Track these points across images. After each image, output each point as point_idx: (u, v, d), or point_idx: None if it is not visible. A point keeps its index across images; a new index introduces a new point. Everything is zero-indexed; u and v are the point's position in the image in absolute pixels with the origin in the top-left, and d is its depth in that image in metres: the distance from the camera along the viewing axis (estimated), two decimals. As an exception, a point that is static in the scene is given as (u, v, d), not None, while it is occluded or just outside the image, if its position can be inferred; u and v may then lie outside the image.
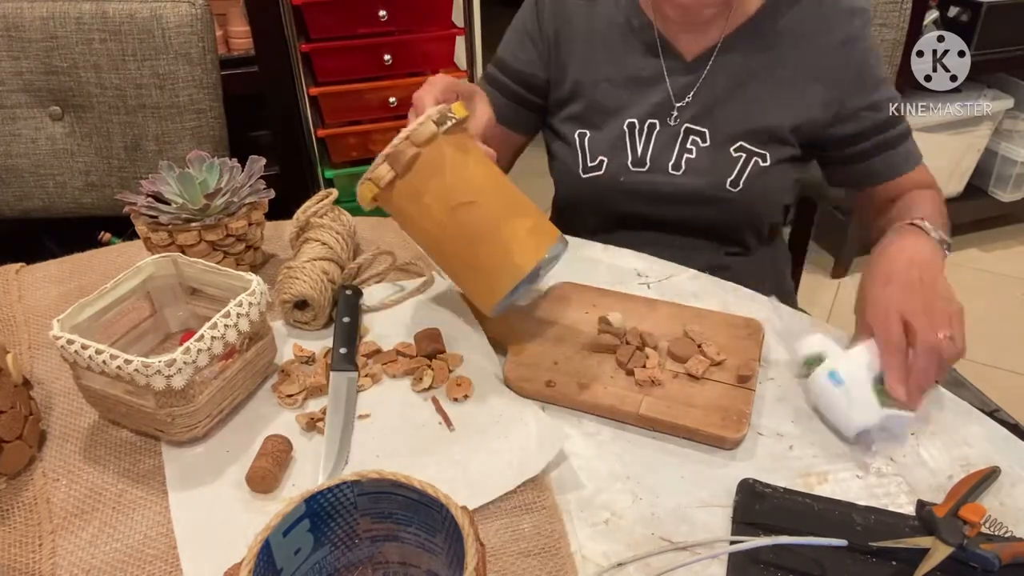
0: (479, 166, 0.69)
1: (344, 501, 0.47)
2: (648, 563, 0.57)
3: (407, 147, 0.65)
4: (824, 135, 0.95)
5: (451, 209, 0.67)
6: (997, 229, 2.46)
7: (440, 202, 0.67)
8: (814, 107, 0.92)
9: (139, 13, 1.18)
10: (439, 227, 0.68)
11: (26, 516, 0.61)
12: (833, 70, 0.91)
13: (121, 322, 0.72)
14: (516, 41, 1.02)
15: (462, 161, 0.67)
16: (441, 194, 0.67)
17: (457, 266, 0.71)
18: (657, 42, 0.95)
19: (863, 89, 0.92)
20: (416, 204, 0.68)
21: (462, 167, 0.67)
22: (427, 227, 0.69)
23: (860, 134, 0.94)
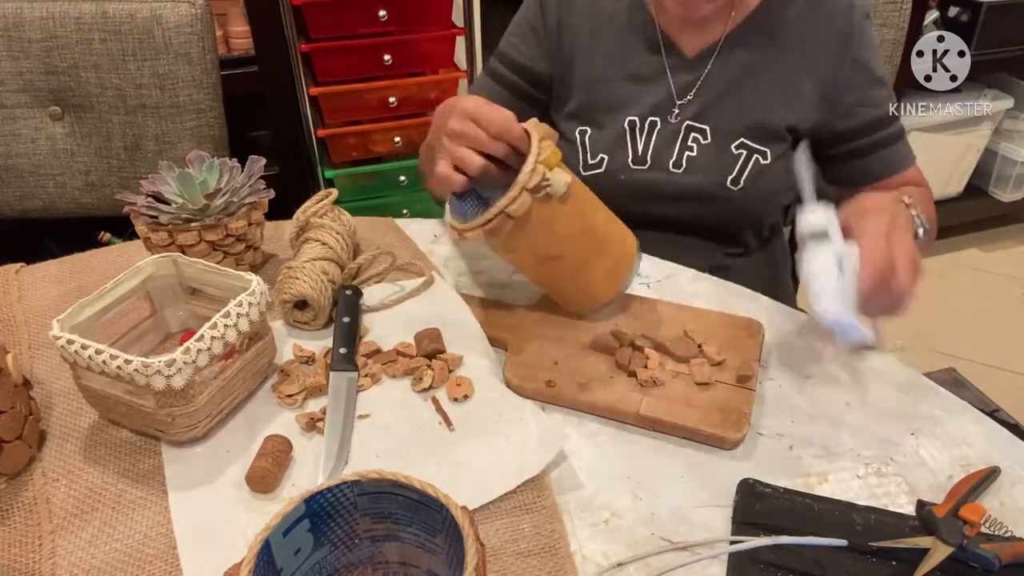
0: (568, 219, 0.71)
1: (344, 501, 0.47)
2: (648, 563, 0.57)
3: (503, 221, 0.67)
4: (821, 131, 0.95)
5: (539, 260, 0.74)
6: (997, 229, 2.46)
7: (530, 256, 0.74)
8: (811, 103, 0.92)
9: (139, 13, 1.18)
10: (530, 269, 0.77)
11: (26, 516, 0.61)
12: (830, 66, 0.91)
13: (121, 322, 0.72)
14: (518, 34, 1.02)
15: (553, 220, 0.70)
16: (530, 251, 0.73)
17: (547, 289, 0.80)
18: (659, 39, 0.95)
19: (861, 85, 0.92)
20: (509, 254, 0.75)
21: (551, 224, 0.70)
22: (519, 266, 0.77)
23: (857, 130, 0.94)
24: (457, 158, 0.69)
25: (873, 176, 0.96)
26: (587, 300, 0.77)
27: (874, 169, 0.96)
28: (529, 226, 0.69)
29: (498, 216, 0.67)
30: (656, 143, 0.96)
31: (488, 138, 0.68)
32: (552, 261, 0.73)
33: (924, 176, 0.98)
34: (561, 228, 0.71)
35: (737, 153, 0.94)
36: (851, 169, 0.97)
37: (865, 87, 0.93)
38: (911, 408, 0.70)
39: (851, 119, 0.94)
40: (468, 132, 0.69)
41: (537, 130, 0.69)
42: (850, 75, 0.92)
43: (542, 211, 0.68)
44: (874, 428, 0.68)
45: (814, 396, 0.72)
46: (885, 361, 0.76)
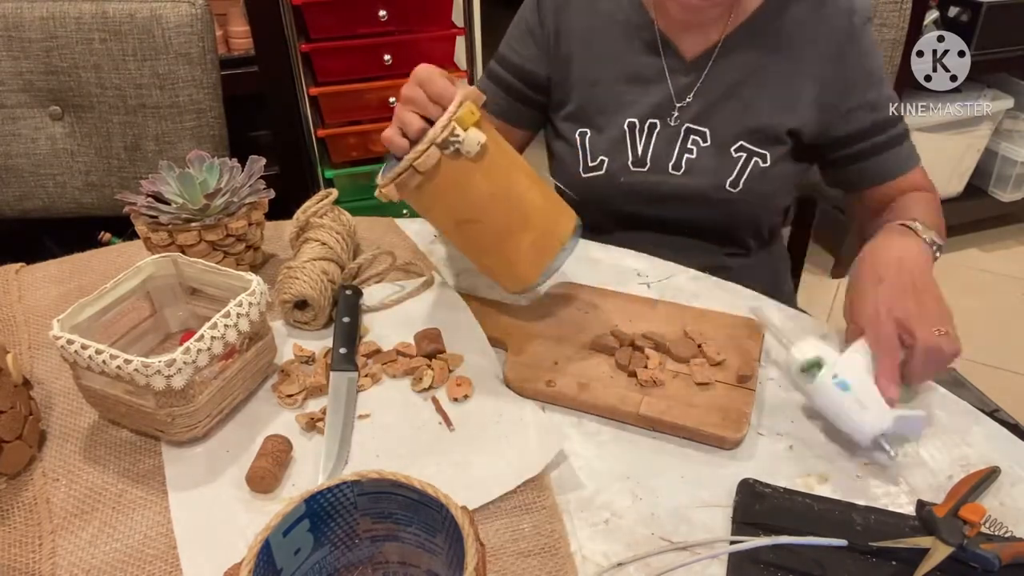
0: (485, 181, 0.69)
1: (344, 501, 0.47)
2: (648, 563, 0.57)
3: (411, 175, 0.67)
4: (821, 135, 0.94)
5: (455, 224, 0.72)
6: (997, 229, 2.46)
7: (446, 217, 0.73)
8: (812, 106, 0.92)
9: (139, 13, 1.18)
10: (449, 235, 0.75)
11: (26, 516, 0.61)
12: (831, 69, 0.91)
13: (121, 322, 0.72)
14: (518, 37, 1.02)
15: (466, 180, 0.69)
16: (446, 211, 0.72)
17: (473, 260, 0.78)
18: (658, 41, 0.95)
19: (861, 89, 0.92)
20: (426, 213, 0.74)
21: (465, 187, 0.69)
22: (439, 228, 0.75)
23: (857, 134, 0.94)
24: (401, 121, 0.70)
25: (874, 180, 0.96)
26: (509, 275, 0.74)
27: (875, 173, 0.96)
28: (439, 183, 0.68)
29: (407, 171, 0.67)
30: (656, 145, 0.96)
31: (426, 100, 0.69)
32: (468, 225, 0.72)
33: (929, 178, 0.97)
34: (475, 190, 0.69)
35: (737, 156, 0.94)
36: (853, 173, 0.97)
37: (864, 90, 0.92)
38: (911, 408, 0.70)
39: (851, 123, 0.93)
40: (414, 96, 0.70)
41: (463, 91, 0.68)
42: (849, 79, 0.91)
43: (454, 169, 0.68)
44: (874, 428, 0.68)
45: (814, 396, 0.71)
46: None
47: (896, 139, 0.95)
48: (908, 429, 0.66)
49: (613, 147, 0.97)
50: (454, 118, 0.66)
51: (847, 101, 0.92)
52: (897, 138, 0.95)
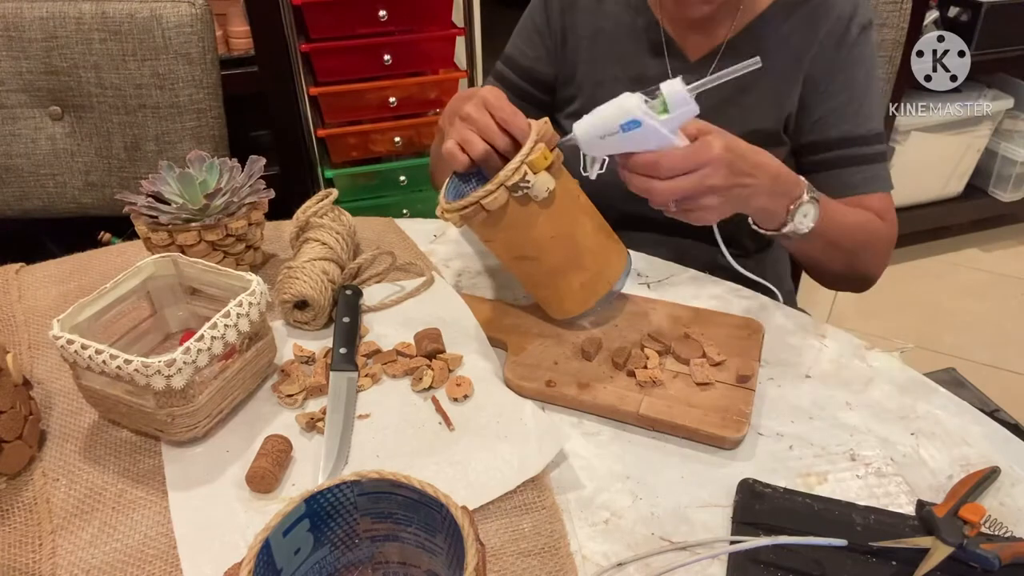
0: (548, 224, 0.71)
1: (344, 501, 0.47)
2: (648, 563, 0.57)
3: (477, 211, 0.68)
4: (796, 138, 0.94)
5: (513, 258, 0.75)
6: (997, 229, 2.46)
7: (505, 251, 0.75)
8: (793, 105, 0.92)
9: (139, 13, 1.18)
10: (505, 264, 0.77)
11: (26, 516, 0.61)
12: (817, 71, 0.90)
13: (121, 322, 0.72)
14: (525, 38, 1.02)
15: (530, 222, 0.70)
16: (506, 246, 0.74)
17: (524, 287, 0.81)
18: (663, 42, 0.95)
19: (840, 97, 0.91)
20: (486, 243, 0.77)
21: (529, 227, 0.71)
22: (496, 255, 0.78)
23: (827, 142, 0.92)
24: (463, 139, 0.70)
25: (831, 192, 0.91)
26: (557, 307, 0.77)
27: (833, 184, 0.92)
28: (504, 222, 0.70)
29: (473, 205, 0.68)
30: None
31: (494, 126, 0.70)
32: (525, 261, 0.74)
33: (893, 211, 0.93)
34: (537, 232, 0.71)
35: None
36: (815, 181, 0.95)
37: (842, 100, 0.91)
38: (911, 408, 0.70)
39: (821, 129, 0.92)
40: (478, 118, 0.70)
41: (537, 130, 0.69)
42: (830, 84, 0.90)
43: (519, 210, 0.69)
44: (874, 428, 0.68)
45: (814, 396, 0.72)
46: (885, 361, 0.76)
47: (866, 158, 0.92)
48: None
49: None
50: (526, 161, 0.66)
51: (821, 106, 0.91)
52: (868, 157, 0.92)
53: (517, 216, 0.70)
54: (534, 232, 0.71)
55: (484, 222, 0.70)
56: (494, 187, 0.67)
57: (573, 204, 0.73)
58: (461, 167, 0.71)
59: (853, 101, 0.91)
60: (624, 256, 0.78)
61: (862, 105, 0.92)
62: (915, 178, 2.21)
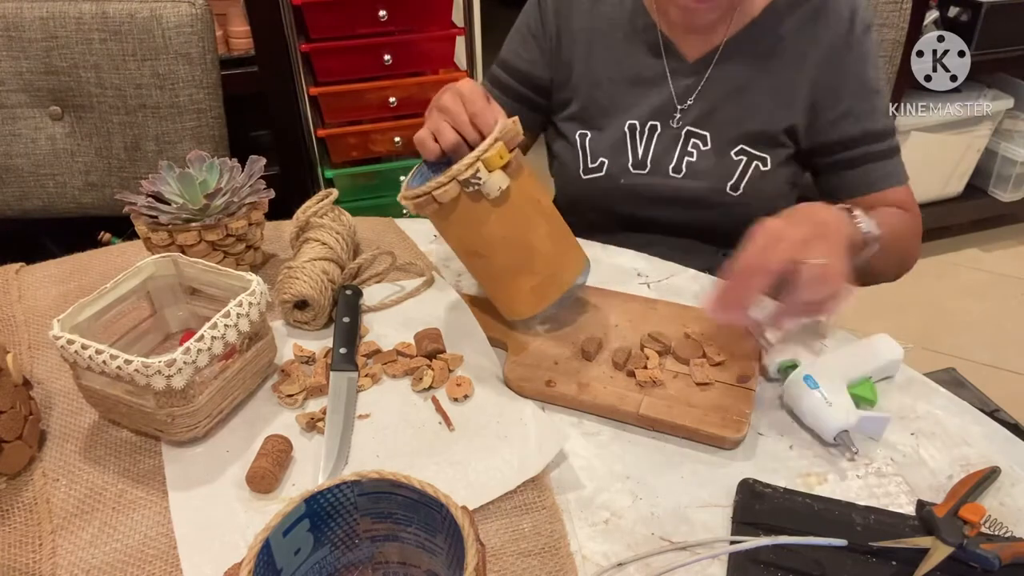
0: (499, 224, 0.70)
1: (344, 501, 0.47)
2: (648, 563, 0.57)
3: (429, 201, 0.69)
4: (810, 139, 0.94)
5: (464, 252, 0.76)
6: (997, 229, 2.46)
7: (456, 243, 0.75)
8: (804, 108, 0.92)
9: (139, 13, 1.18)
10: (458, 254, 0.77)
11: (26, 516, 0.61)
12: (826, 74, 0.90)
13: (121, 322, 0.72)
14: (519, 40, 1.02)
15: (481, 219, 0.70)
16: (457, 239, 0.74)
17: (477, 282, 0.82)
18: (660, 43, 0.95)
19: (853, 96, 0.91)
20: (441, 234, 0.76)
21: (479, 224, 0.70)
22: (450, 246, 0.77)
23: (843, 142, 0.92)
24: (435, 128, 0.71)
25: (855, 191, 0.94)
26: (507, 307, 0.77)
27: (857, 184, 0.93)
28: (454, 216, 0.70)
29: (425, 195, 0.68)
30: (656, 148, 0.96)
31: (465, 119, 0.70)
32: (476, 257, 0.74)
33: (914, 200, 0.95)
34: (488, 230, 0.71)
35: (737, 159, 0.94)
36: (836, 181, 0.95)
37: (857, 99, 0.91)
38: (911, 408, 0.70)
39: (838, 130, 0.92)
40: (452, 109, 0.70)
41: (500, 127, 0.68)
42: (842, 85, 0.91)
43: (471, 206, 0.69)
44: (874, 428, 0.68)
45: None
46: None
47: (883, 153, 0.93)
48: (871, 428, 0.67)
49: (613, 149, 0.97)
50: (481, 158, 0.66)
51: (837, 107, 0.91)
52: (885, 152, 0.93)
53: (468, 212, 0.69)
54: (484, 230, 0.71)
55: (436, 213, 0.70)
56: (446, 180, 0.67)
57: (528, 206, 0.72)
58: (430, 156, 0.72)
59: (867, 99, 0.92)
60: (582, 262, 0.76)
61: (873, 103, 0.92)
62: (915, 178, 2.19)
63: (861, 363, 0.70)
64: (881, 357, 0.72)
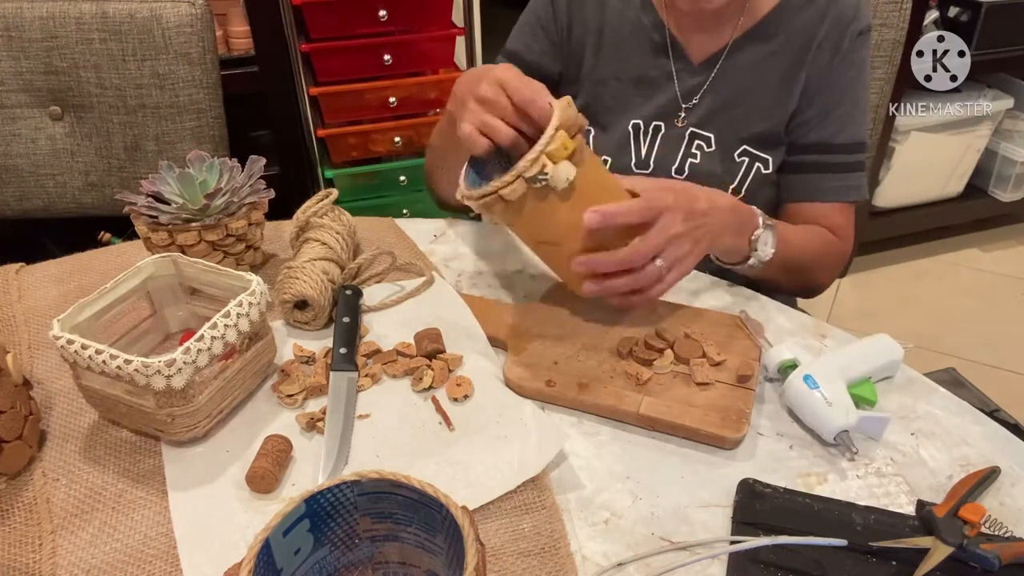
0: (569, 212, 0.69)
1: (344, 501, 0.47)
2: (648, 563, 0.57)
3: (496, 201, 0.67)
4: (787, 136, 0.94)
5: (535, 243, 0.76)
6: (997, 229, 2.46)
7: (526, 235, 0.76)
8: (795, 105, 0.92)
9: (139, 13, 1.18)
10: (527, 244, 0.79)
11: (26, 516, 0.61)
12: (814, 72, 0.90)
13: (121, 322, 0.72)
14: (528, 32, 1.01)
15: (551, 209, 0.68)
16: (526, 232, 0.75)
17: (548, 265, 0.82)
18: (667, 42, 0.95)
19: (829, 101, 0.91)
20: (509, 227, 0.76)
21: (549, 214, 0.69)
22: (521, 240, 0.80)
23: (802, 145, 0.92)
24: (483, 123, 0.68)
25: (794, 194, 0.94)
26: (576, 286, 0.76)
27: (797, 188, 0.93)
28: (524, 210, 0.69)
29: (492, 195, 0.67)
30: (659, 148, 0.96)
31: (512, 109, 0.68)
32: (546, 246, 0.75)
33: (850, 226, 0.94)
34: (559, 219, 0.69)
35: (740, 161, 0.94)
36: (783, 180, 0.95)
37: (831, 104, 0.91)
38: (911, 408, 0.71)
39: (803, 131, 0.92)
40: (496, 100, 0.68)
41: (559, 116, 0.65)
42: (823, 87, 0.91)
43: (538, 200, 0.67)
44: (874, 428, 0.68)
45: (814, 396, 0.71)
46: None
47: (838, 166, 0.92)
48: (871, 429, 0.67)
49: (617, 148, 0.97)
50: (545, 151, 0.64)
51: (810, 108, 0.91)
52: (840, 166, 0.92)
53: (537, 205, 0.68)
54: (555, 219, 0.69)
55: (504, 210, 0.68)
56: (512, 178, 0.65)
57: (596, 190, 0.70)
58: (481, 151, 0.69)
59: (838, 108, 0.91)
60: None
61: (846, 113, 0.91)
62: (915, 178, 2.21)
63: (861, 363, 0.70)
64: (881, 357, 0.72)
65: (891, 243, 2.32)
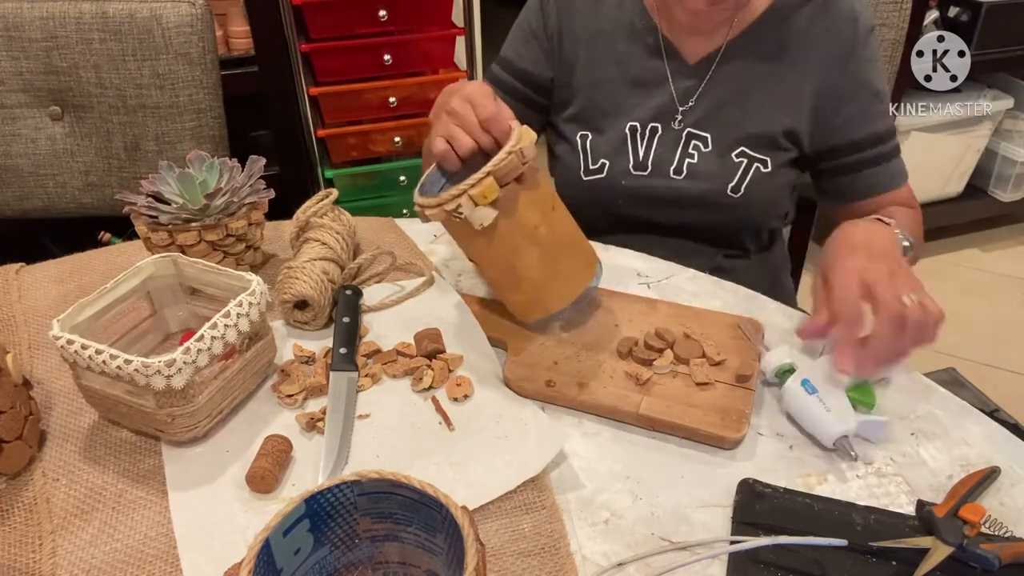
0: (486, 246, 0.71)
1: (344, 501, 0.47)
2: (648, 563, 0.57)
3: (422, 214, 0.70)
4: (815, 142, 0.94)
5: (468, 258, 0.78)
6: (997, 229, 2.46)
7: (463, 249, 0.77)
8: (808, 111, 0.92)
9: (139, 13, 1.18)
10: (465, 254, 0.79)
11: (26, 516, 0.61)
12: (830, 77, 0.91)
13: (121, 322, 0.72)
14: (521, 40, 1.01)
15: (471, 236, 0.71)
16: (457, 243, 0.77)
17: None
18: (661, 45, 0.95)
19: (859, 99, 0.91)
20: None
21: (469, 240, 0.73)
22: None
23: (850, 145, 0.93)
24: (450, 135, 0.71)
25: (862, 193, 0.95)
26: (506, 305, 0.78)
27: (864, 186, 0.95)
28: (449, 228, 0.74)
29: (420, 211, 0.71)
30: (657, 149, 0.96)
31: (477, 124, 0.70)
32: (472, 262, 0.79)
33: (914, 196, 0.97)
34: (476, 247, 0.73)
35: (738, 161, 0.94)
36: (842, 184, 0.96)
37: (863, 101, 0.91)
38: (911, 408, 0.70)
39: (846, 133, 0.92)
40: (463, 114, 0.70)
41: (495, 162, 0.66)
42: (848, 88, 0.91)
43: (461, 226, 0.70)
44: (874, 428, 0.68)
45: (814, 396, 0.71)
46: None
47: (887, 154, 0.94)
48: (870, 433, 0.67)
49: (614, 150, 0.97)
50: (469, 192, 0.66)
51: (842, 110, 0.92)
52: (889, 153, 0.94)
53: (460, 229, 0.72)
54: (473, 246, 0.73)
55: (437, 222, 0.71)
56: (433, 203, 0.68)
57: (518, 235, 0.71)
58: (454, 166, 0.72)
59: (873, 102, 0.92)
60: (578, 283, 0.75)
61: (880, 105, 0.93)
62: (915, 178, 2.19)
63: None
64: None
65: (891, 243, 2.31)
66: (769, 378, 0.72)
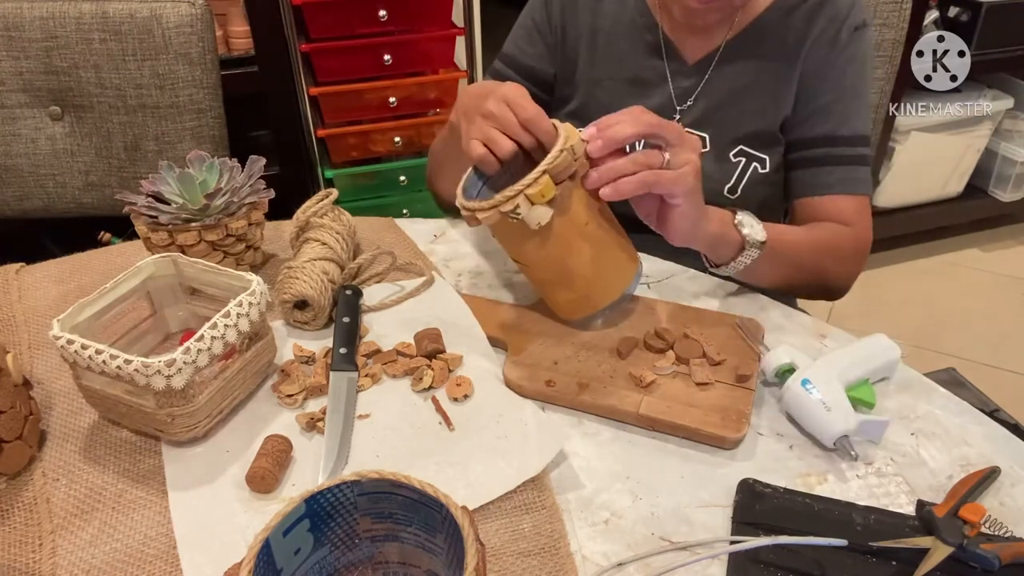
0: (540, 245, 0.71)
1: (344, 501, 0.47)
2: (648, 563, 0.57)
3: (472, 219, 0.70)
4: (787, 133, 0.93)
5: (512, 258, 0.79)
6: (997, 229, 2.46)
7: (505, 248, 0.78)
8: (792, 102, 0.92)
9: (139, 13, 1.18)
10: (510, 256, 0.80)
11: (26, 516, 0.61)
12: (810, 68, 0.90)
13: (121, 322, 0.72)
14: (524, 36, 1.01)
15: (523, 237, 0.71)
16: (505, 246, 0.78)
17: None
18: (661, 44, 0.95)
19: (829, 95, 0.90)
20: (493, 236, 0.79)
21: (521, 240, 0.72)
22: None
23: (808, 140, 0.92)
24: (488, 138, 0.70)
25: (803, 189, 0.93)
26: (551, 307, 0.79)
27: (805, 182, 0.92)
28: (499, 231, 0.74)
29: (470, 215, 0.70)
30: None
31: (518, 125, 0.70)
32: (520, 264, 0.78)
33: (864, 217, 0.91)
34: (528, 248, 0.72)
35: (736, 161, 0.94)
36: (790, 177, 0.95)
37: (831, 97, 0.90)
38: (911, 408, 0.71)
39: (806, 126, 0.92)
40: (502, 116, 0.70)
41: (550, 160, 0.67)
42: (822, 81, 0.90)
43: (513, 227, 0.70)
44: (874, 428, 0.68)
45: (814, 396, 0.71)
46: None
47: (844, 159, 0.91)
48: (870, 433, 0.67)
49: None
50: (525, 192, 0.66)
51: (811, 103, 0.91)
52: (846, 158, 0.91)
53: (511, 231, 0.72)
54: (525, 247, 0.73)
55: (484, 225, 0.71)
56: (488, 207, 0.68)
57: (572, 233, 0.72)
58: (491, 170, 0.72)
59: (839, 101, 0.91)
60: (625, 279, 0.77)
61: (848, 106, 0.91)
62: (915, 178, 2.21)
63: (858, 365, 0.70)
64: (878, 358, 0.72)
65: (891, 243, 2.32)
66: (769, 378, 0.72)
